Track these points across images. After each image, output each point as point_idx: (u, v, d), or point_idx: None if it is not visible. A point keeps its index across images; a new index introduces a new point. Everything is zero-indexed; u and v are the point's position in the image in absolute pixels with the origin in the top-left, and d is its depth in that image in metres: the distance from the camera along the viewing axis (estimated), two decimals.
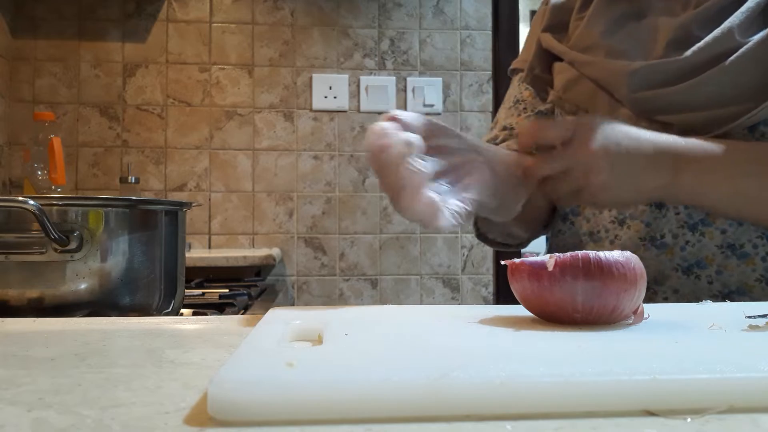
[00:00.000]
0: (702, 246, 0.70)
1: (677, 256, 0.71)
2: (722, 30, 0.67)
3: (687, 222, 0.70)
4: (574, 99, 0.78)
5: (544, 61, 0.85)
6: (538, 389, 0.27)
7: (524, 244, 0.91)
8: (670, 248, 0.71)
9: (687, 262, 0.70)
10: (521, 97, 0.89)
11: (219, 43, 2.11)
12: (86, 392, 0.31)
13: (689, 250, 0.70)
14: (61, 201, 0.66)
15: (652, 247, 0.71)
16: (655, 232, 0.72)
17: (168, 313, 0.73)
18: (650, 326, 0.41)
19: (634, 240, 0.72)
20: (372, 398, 0.27)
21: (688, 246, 0.70)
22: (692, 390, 0.27)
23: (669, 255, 0.71)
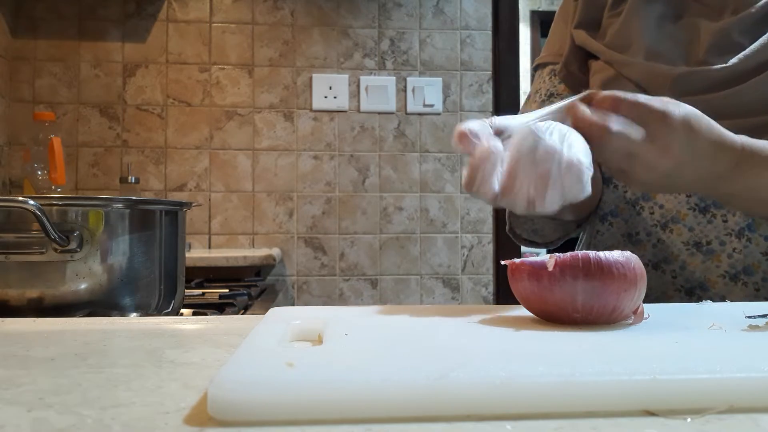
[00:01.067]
0: (749, 252, 0.69)
1: (724, 263, 0.70)
2: (766, 37, 0.67)
3: (733, 229, 0.70)
4: None
5: (579, 58, 0.83)
6: (538, 389, 0.27)
7: (553, 243, 0.89)
8: (716, 254, 0.71)
9: (735, 268, 0.70)
10: (556, 90, 0.86)
11: (219, 43, 2.11)
12: (86, 392, 0.31)
13: (736, 257, 0.70)
14: (61, 201, 0.66)
15: (698, 253, 0.71)
16: (701, 238, 0.71)
17: (168, 313, 0.73)
18: (650, 326, 0.41)
19: (677, 245, 0.72)
20: (372, 398, 0.27)
21: (735, 253, 0.70)
22: (692, 390, 0.27)
23: (716, 261, 0.71)
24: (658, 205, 0.74)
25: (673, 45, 0.74)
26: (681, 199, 0.73)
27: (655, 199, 0.74)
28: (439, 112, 2.17)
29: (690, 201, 0.72)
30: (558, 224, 0.84)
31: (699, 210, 0.72)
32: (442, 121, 2.17)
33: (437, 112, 2.17)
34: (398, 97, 2.16)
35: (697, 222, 0.71)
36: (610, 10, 0.81)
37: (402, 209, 2.15)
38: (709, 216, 0.71)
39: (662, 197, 0.74)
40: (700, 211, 0.72)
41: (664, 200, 0.74)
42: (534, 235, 0.87)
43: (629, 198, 0.76)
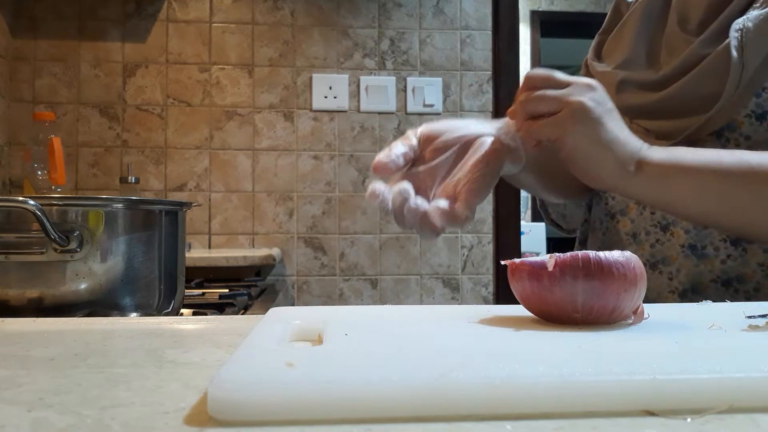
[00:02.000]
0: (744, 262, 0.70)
1: (717, 268, 0.71)
2: (693, 45, 0.72)
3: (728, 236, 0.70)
4: None
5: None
6: (538, 389, 0.27)
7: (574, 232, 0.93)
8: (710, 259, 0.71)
9: (727, 274, 0.70)
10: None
11: (219, 43, 2.11)
12: (86, 392, 0.31)
13: (730, 264, 0.70)
14: (61, 201, 0.66)
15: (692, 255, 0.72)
16: (697, 242, 0.72)
17: (168, 313, 0.73)
18: (650, 326, 0.41)
19: (675, 247, 0.72)
20: (372, 398, 0.26)
21: (729, 260, 0.70)
22: (692, 390, 0.27)
23: (709, 266, 0.71)
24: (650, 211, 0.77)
25: (648, 50, 0.79)
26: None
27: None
28: (439, 112, 2.17)
29: None
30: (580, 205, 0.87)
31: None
32: None
33: (437, 112, 2.17)
34: (398, 97, 2.16)
35: (693, 226, 0.72)
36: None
37: None
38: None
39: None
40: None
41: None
42: (561, 219, 0.91)
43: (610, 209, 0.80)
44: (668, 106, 0.73)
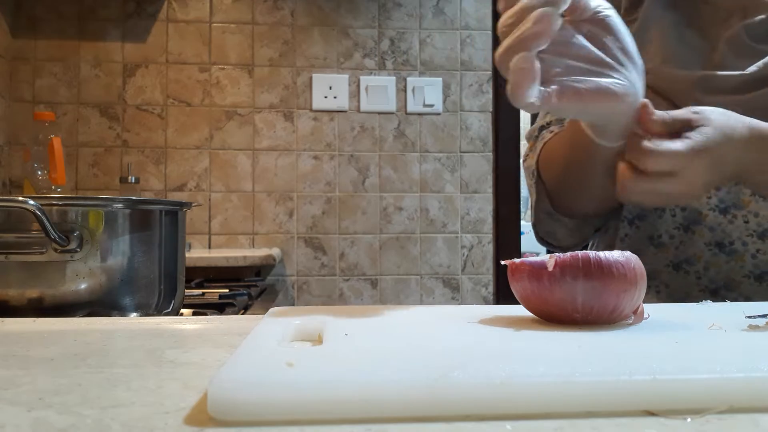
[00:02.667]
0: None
1: (748, 263, 0.71)
2: None
3: (756, 230, 0.71)
4: None
5: None
6: (538, 389, 0.27)
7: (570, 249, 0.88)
8: (740, 255, 0.71)
9: (759, 269, 0.71)
10: None
11: (219, 43, 2.11)
12: (86, 392, 0.31)
13: (761, 258, 0.71)
14: (61, 201, 0.66)
15: (720, 253, 0.72)
16: (723, 238, 0.72)
17: (168, 313, 0.73)
18: (650, 326, 0.41)
19: (699, 246, 0.72)
20: (372, 398, 0.26)
21: (759, 254, 0.71)
22: (692, 390, 0.27)
23: (740, 262, 0.72)
24: (680, 208, 0.75)
25: (689, 51, 0.74)
26: (703, 201, 0.73)
27: None
28: (439, 112, 2.17)
29: (710, 202, 0.73)
30: (574, 229, 0.84)
31: (720, 211, 0.72)
32: (442, 121, 2.17)
33: (437, 112, 2.17)
34: (398, 97, 2.16)
35: (719, 222, 0.72)
36: (626, 15, 0.81)
37: (402, 209, 2.15)
38: (730, 217, 0.71)
39: None
40: (721, 212, 0.72)
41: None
42: (549, 236, 0.88)
43: None
44: (757, 108, 0.68)
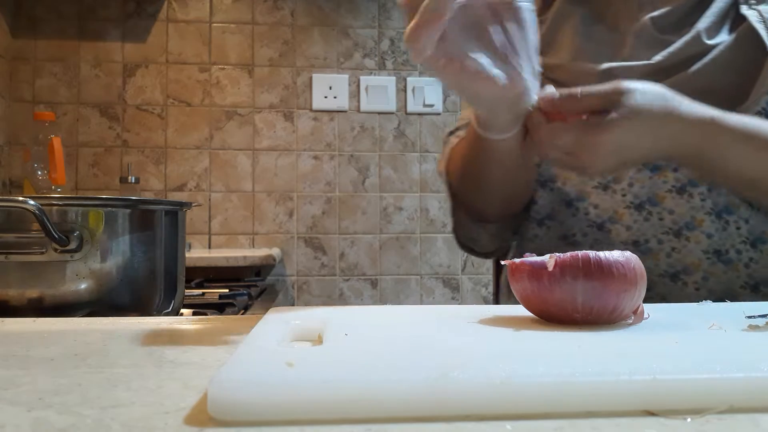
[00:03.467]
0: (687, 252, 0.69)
1: (663, 262, 0.70)
2: (691, 34, 0.68)
3: (671, 228, 0.70)
4: None
5: None
6: (538, 389, 0.27)
7: (492, 254, 0.88)
8: (654, 253, 0.70)
9: (674, 268, 0.70)
10: None
11: (219, 43, 2.11)
12: (86, 392, 0.31)
13: (675, 257, 0.70)
14: (61, 201, 0.66)
15: (636, 251, 0.71)
16: (639, 236, 0.71)
17: (168, 313, 0.73)
18: (650, 326, 0.41)
19: (616, 245, 0.71)
20: (372, 398, 0.26)
21: (675, 252, 0.70)
22: (692, 390, 0.27)
23: (654, 260, 0.70)
24: (593, 206, 0.73)
25: (597, 45, 0.74)
26: (617, 199, 0.72)
27: (590, 199, 0.73)
28: (439, 112, 2.17)
29: (626, 200, 0.71)
30: (495, 234, 0.82)
31: (635, 208, 0.71)
32: (442, 121, 2.17)
33: (437, 112, 2.17)
34: (398, 97, 2.16)
35: (634, 220, 0.71)
36: (539, 14, 0.78)
37: (402, 209, 2.15)
38: (646, 214, 0.70)
39: (597, 197, 0.73)
40: (636, 208, 0.71)
41: (600, 200, 0.73)
42: (471, 242, 0.86)
43: (565, 199, 0.75)
44: None
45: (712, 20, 0.69)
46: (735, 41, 0.67)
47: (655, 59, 0.69)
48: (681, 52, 0.68)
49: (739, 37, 0.67)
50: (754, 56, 0.67)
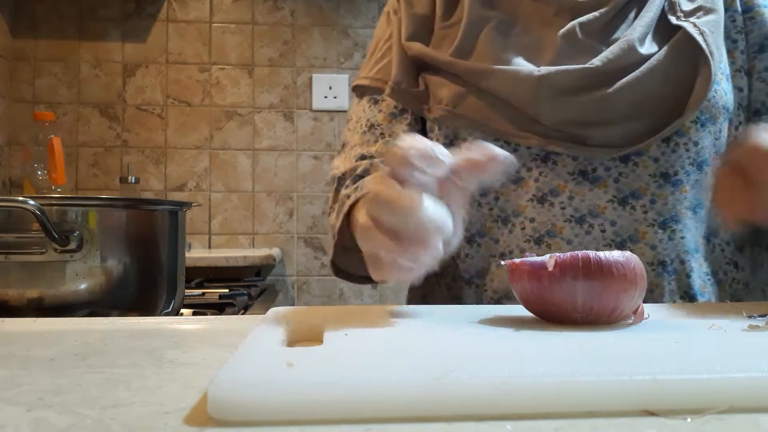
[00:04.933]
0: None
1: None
2: (626, 42, 0.68)
3: (613, 240, 0.68)
4: (469, 113, 0.71)
5: (410, 73, 0.77)
6: (538, 389, 0.27)
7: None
8: None
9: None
10: (376, 120, 0.79)
11: (219, 43, 2.11)
12: (86, 392, 0.31)
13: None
14: (61, 201, 0.66)
15: None
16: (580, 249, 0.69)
17: (168, 313, 0.73)
18: (650, 326, 0.41)
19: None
20: (372, 398, 0.27)
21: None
22: (692, 390, 0.27)
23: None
24: (529, 219, 0.70)
25: (518, 50, 0.72)
26: (555, 212, 0.69)
27: (525, 213, 0.70)
28: None
29: (565, 213, 0.69)
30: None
31: (575, 221, 0.68)
32: None
33: None
34: None
35: (575, 234, 0.68)
36: (441, 21, 0.77)
37: None
38: (587, 227, 0.68)
39: (533, 211, 0.70)
40: (577, 221, 0.68)
41: (536, 213, 0.69)
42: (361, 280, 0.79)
43: (497, 215, 0.71)
44: (610, 107, 0.67)
45: (644, 31, 0.69)
46: (670, 52, 0.67)
47: (594, 63, 0.67)
48: (618, 60, 0.67)
49: (674, 48, 0.67)
50: (687, 67, 0.67)
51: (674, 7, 0.71)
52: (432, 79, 0.75)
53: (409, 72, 0.77)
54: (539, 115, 0.68)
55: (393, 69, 0.77)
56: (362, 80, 0.82)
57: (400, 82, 0.76)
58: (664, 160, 0.68)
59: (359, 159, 0.77)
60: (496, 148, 0.43)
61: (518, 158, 0.70)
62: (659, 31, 0.70)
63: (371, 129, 0.79)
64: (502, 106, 0.70)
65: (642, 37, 0.69)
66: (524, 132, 0.69)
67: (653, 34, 0.70)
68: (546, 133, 0.69)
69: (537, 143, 0.69)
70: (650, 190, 0.68)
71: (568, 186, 0.69)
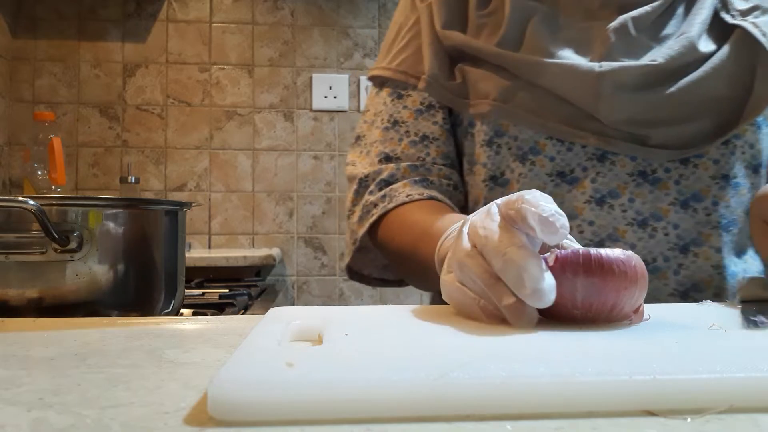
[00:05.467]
0: None
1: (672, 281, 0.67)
2: (687, 39, 0.65)
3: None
4: (520, 109, 0.68)
5: (445, 65, 0.73)
6: (538, 389, 0.27)
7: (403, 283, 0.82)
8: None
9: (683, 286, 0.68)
10: (400, 117, 0.75)
11: (219, 43, 2.11)
12: (86, 392, 0.31)
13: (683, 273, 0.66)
14: (61, 201, 0.66)
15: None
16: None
17: (168, 313, 0.73)
18: (650, 326, 0.41)
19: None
20: (372, 398, 0.26)
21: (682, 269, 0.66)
22: (692, 390, 0.27)
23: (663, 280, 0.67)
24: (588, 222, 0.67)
25: (566, 45, 0.68)
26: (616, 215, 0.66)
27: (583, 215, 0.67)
28: None
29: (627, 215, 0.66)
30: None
31: (638, 224, 0.66)
32: None
33: None
34: None
35: (638, 237, 0.66)
36: (477, 9, 0.73)
37: None
38: (650, 230, 0.66)
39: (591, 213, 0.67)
40: (639, 225, 0.66)
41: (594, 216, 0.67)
42: (385, 272, 0.80)
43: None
44: (670, 106, 0.65)
45: (702, 28, 0.67)
46: (732, 51, 0.66)
47: (657, 60, 0.65)
48: (680, 57, 0.65)
49: (735, 47, 0.66)
50: (746, 67, 0.66)
51: (727, 6, 0.68)
52: (473, 71, 0.71)
53: (444, 64, 0.73)
54: (598, 113, 0.65)
55: (426, 61, 0.73)
56: (382, 71, 0.78)
57: (436, 76, 0.72)
58: (724, 162, 0.66)
59: (383, 159, 0.74)
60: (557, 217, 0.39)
61: (573, 157, 0.67)
62: (713, 29, 0.68)
63: (395, 126, 0.75)
64: (557, 103, 0.67)
65: (699, 34, 0.66)
66: (581, 130, 0.66)
67: (707, 32, 0.67)
68: (604, 131, 0.66)
69: (595, 142, 0.66)
70: (712, 192, 0.66)
71: (628, 188, 0.66)
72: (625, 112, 0.65)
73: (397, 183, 0.72)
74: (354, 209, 0.76)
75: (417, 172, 0.72)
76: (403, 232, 0.67)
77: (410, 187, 0.71)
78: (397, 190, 0.71)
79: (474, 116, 0.72)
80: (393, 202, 0.71)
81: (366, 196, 0.74)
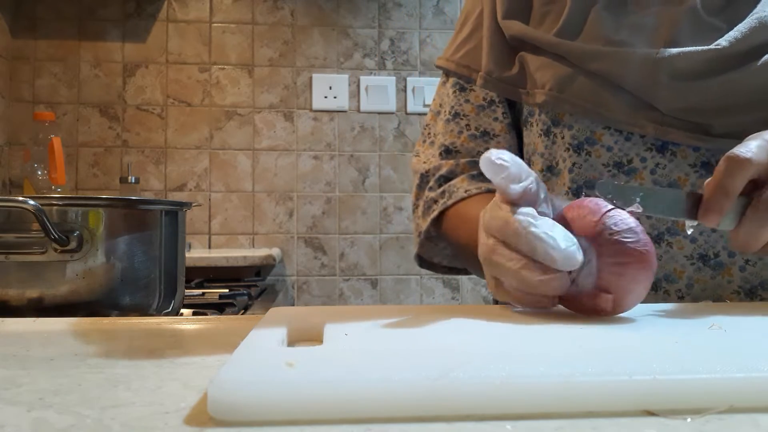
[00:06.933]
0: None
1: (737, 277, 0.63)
2: (758, 20, 0.61)
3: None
4: (576, 98, 0.66)
5: (505, 54, 0.72)
6: (538, 389, 0.27)
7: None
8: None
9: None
10: (462, 110, 0.76)
11: (219, 43, 2.11)
12: (86, 392, 0.31)
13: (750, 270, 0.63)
14: (61, 201, 0.66)
15: None
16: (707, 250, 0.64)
17: (168, 313, 0.73)
18: (650, 326, 0.41)
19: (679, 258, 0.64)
20: (372, 398, 0.26)
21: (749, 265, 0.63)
22: (692, 390, 0.27)
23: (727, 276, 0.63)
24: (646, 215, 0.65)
25: (630, 31, 0.66)
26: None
27: None
28: None
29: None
30: None
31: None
32: None
33: None
34: (398, 97, 2.16)
35: (700, 231, 0.64)
36: None
37: (402, 209, 2.15)
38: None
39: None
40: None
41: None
42: (454, 260, 0.80)
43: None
44: (735, 92, 0.61)
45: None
46: None
47: (720, 44, 0.61)
48: (747, 39, 0.60)
49: None
50: None
51: None
52: (532, 59, 0.70)
53: (503, 55, 0.73)
54: (656, 101, 0.63)
55: (483, 57, 0.74)
56: (447, 63, 0.79)
57: (491, 72, 0.73)
58: None
59: (443, 152, 0.76)
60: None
61: (631, 147, 0.65)
62: None
63: (455, 118, 0.76)
64: (614, 91, 0.64)
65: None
66: (639, 119, 0.64)
67: None
68: (663, 120, 0.63)
69: (653, 131, 0.63)
70: None
71: (689, 179, 0.63)
72: (685, 99, 0.62)
73: (456, 179, 0.74)
74: (417, 203, 0.79)
75: (475, 167, 0.73)
76: (462, 227, 0.69)
77: (468, 182, 0.73)
78: (456, 185, 0.73)
79: (531, 105, 0.71)
80: (452, 198, 0.72)
81: (427, 192, 0.76)
